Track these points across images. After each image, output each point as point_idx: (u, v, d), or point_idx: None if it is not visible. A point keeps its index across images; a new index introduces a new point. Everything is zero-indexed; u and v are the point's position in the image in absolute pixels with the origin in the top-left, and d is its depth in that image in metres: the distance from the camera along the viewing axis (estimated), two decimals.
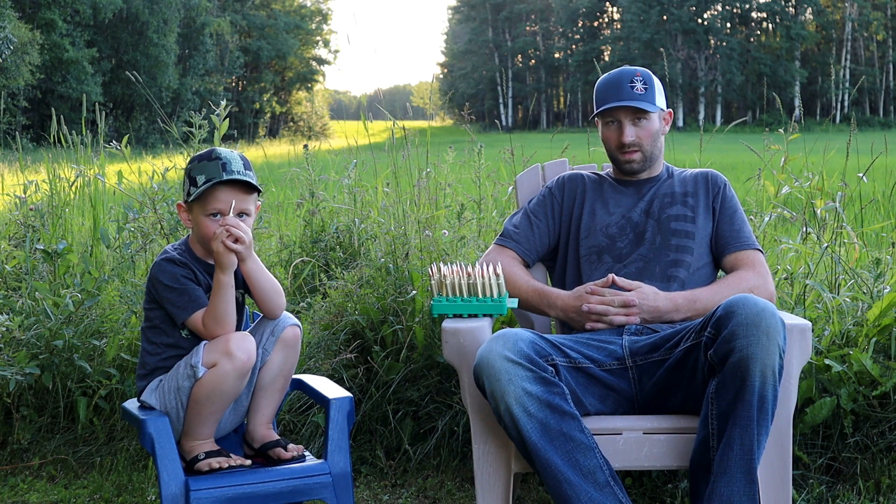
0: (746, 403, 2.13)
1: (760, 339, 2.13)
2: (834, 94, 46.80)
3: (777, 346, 2.14)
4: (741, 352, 2.13)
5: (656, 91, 2.71)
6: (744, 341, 2.13)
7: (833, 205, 3.43)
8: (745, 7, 54.32)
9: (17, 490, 3.12)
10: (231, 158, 2.35)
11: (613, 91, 2.69)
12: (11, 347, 3.29)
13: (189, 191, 2.36)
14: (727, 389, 2.16)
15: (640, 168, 2.74)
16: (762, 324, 2.13)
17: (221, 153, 2.35)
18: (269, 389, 2.46)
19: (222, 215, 2.32)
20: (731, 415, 2.15)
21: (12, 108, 27.44)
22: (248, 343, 2.31)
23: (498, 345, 2.23)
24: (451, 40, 68.27)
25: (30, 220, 3.96)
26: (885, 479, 2.80)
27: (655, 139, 2.72)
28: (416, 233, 3.64)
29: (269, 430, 2.47)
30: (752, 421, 2.14)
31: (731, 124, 4.38)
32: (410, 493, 3.03)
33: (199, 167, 2.35)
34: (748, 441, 2.14)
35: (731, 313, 2.17)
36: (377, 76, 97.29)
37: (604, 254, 2.67)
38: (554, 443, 2.17)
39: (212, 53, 44.20)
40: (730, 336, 2.15)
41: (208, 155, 2.36)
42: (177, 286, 2.34)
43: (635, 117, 2.68)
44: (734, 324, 2.15)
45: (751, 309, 2.15)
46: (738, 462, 2.14)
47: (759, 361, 2.12)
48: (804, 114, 40.35)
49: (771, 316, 2.15)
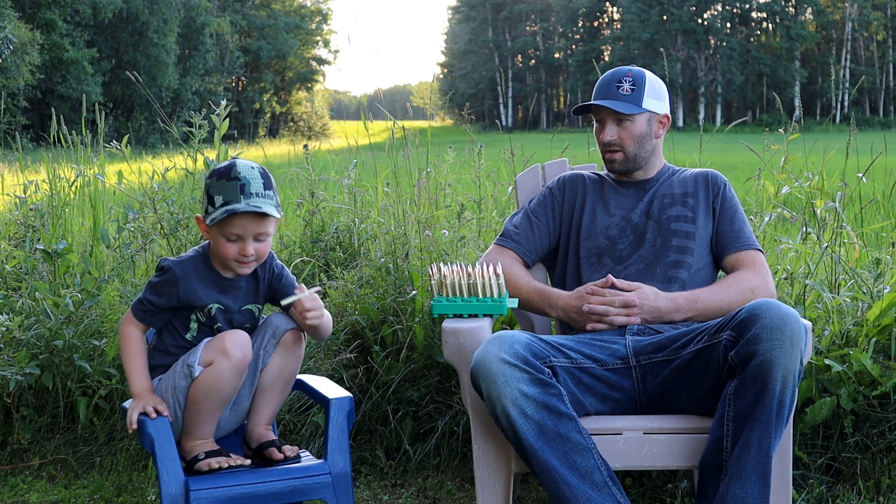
0: (766, 407, 2.14)
1: (784, 343, 2.13)
2: (834, 94, 46.80)
3: (799, 352, 2.16)
4: (764, 355, 2.14)
5: (645, 93, 2.67)
6: (767, 345, 2.14)
7: (833, 205, 3.43)
8: (745, 7, 54.32)
9: (17, 490, 3.12)
10: (250, 179, 2.29)
11: (601, 90, 2.70)
12: (11, 347, 3.29)
13: (207, 209, 2.33)
14: (747, 392, 2.16)
15: (623, 169, 2.73)
16: (787, 329, 2.14)
17: (241, 172, 2.29)
18: (268, 391, 2.46)
19: (241, 240, 2.32)
20: (750, 417, 2.15)
21: (12, 108, 27.44)
22: (243, 340, 2.32)
23: (494, 347, 2.23)
24: (451, 40, 68.28)
25: (30, 220, 3.96)
26: (885, 479, 2.80)
27: (640, 142, 2.69)
28: (416, 233, 3.64)
29: (266, 431, 2.47)
30: (770, 424, 2.14)
31: (731, 124, 4.38)
32: (410, 493, 3.03)
33: (217, 186, 2.30)
34: (766, 444, 2.15)
35: (755, 316, 2.18)
36: (377, 76, 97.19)
37: (604, 255, 2.66)
38: (551, 444, 2.17)
39: (212, 53, 44.21)
40: (753, 339, 2.16)
41: (227, 173, 2.30)
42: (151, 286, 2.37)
43: (618, 118, 2.67)
44: (758, 327, 2.16)
45: (776, 313, 2.16)
46: (754, 465, 2.14)
47: (782, 366, 2.13)
48: (804, 114, 40.34)
49: (795, 321, 2.16)
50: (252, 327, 2.47)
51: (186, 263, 2.38)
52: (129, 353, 2.38)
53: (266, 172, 2.35)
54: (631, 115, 2.66)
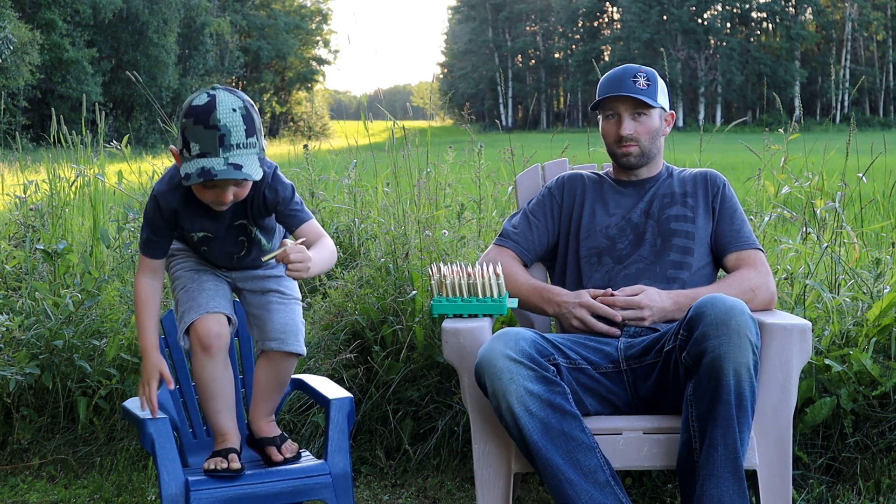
0: (725, 403, 2.14)
1: (731, 337, 2.13)
2: (834, 94, 46.77)
3: (749, 343, 2.14)
4: (713, 352, 2.14)
5: (659, 90, 2.70)
6: (715, 341, 2.14)
7: (833, 205, 3.42)
8: (745, 7, 54.31)
9: (17, 490, 3.12)
10: (231, 127, 2.11)
11: (615, 85, 2.69)
12: (11, 347, 3.29)
13: (182, 151, 2.17)
14: (704, 391, 2.17)
15: (637, 163, 2.73)
16: (731, 322, 2.14)
17: (221, 119, 2.10)
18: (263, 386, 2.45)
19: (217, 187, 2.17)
20: (711, 416, 2.15)
21: (12, 108, 27.43)
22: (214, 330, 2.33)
23: (500, 344, 2.23)
24: (451, 40, 68.27)
25: (30, 220, 3.96)
26: (885, 479, 2.80)
27: (654, 137, 2.70)
28: (416, 233, 3.64)
29: (267, 425, 2.45)
30: (732, 420, 2.14)
31: (731, 124, 4.38)
32: (410, 493, 3.03)
33: (194, 131, 2.11)
34: (731, 440, 2.15)
35: (700, 314, 2.19)
36: (377, 76, 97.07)
37: (604, 255, 2.66)
38: (555, 442, 2.18)
39: (212, 53, 44.19)
40: (701, 337, 2.16)
41: (206, 118, 2.10)
42: (147, 220, 2.34)
43: (635, 111, 2.67)
44: (704, 324, 2.16)
45: (719, 308, 2.16)
46: (723, 462, 2.14)
47: (732, 360, 2.13)
48: (804, 114, 40.31)
49: (740, 314, 2.15)
50: (248, 241, 2.38)
51: (169, 195, 2.27)
52: (141, 308, 2.37)
53: (250, 112, 2.16)
54: (651, 107, 2.66)
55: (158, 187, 2.31)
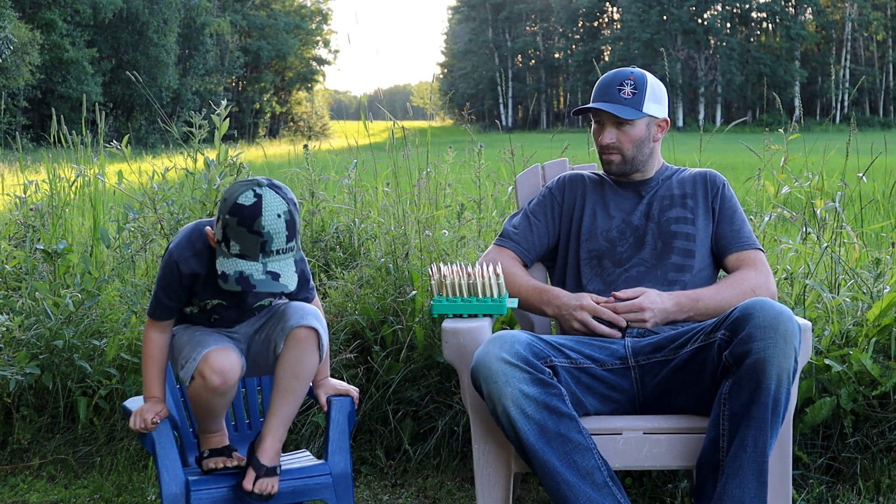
0: (762, 406, 2.14)
1: (778, 342, 2.14)
2: (834, 94, 46.81)
3: (793, 350, 2.16)
4: (758, 354, 2.14)
5: (646, 97, 2.65)
6: (761, 343, 2.14)
7: (833, 205, 3.43)
8: (745, 7, 54.31)
9: (17, 490, 3.12)
10: (274, 234, 2.09)
11: (599, 93, 2.67)
12: (11, 347, 3.29)
13: (219, 242, 2.15)
14: (741, 391, 2.16)
15: (619, 171, 2.71)
16: (780, 327, 2.15)
17: (265, 226, 2.07)
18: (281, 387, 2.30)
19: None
20: (745, 416, 2.16)
21: (12, 108, 27.45)
22: (225, 364, 2.22)
23: (495, 347, 2.23)
24: (451, 40, 68.27)
25: (30, 220, 3.96)
26: (885, 479, 2.80)
27: (639, 145, 2.67)
28: (416, 233, 3.64)
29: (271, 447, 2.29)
30: (766, 423, 2.15)
31: (731, 124, 4.38)
32: (410, 493, 3.03)
33: (237, 232, 2.09)
34: (762, 443, 2.15)
35: (748, 315, 2.18)
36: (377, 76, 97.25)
37: (604, 258, 2.65)
38: (552, 444, 2.18)
39: (212, 53, 44.22)
40: (747, 338, 2.16)
41: (250, 222, 2.07)
42: (161, 284, 2.27)
43: (617, 121, 2.65)
44: (752, 326, 2.16)
45: (769, 312, 2.17)
46: (751, 464, 2.15)
47: (776, 364, 2.13)
48: (804, 114, 40.35)
49: (788, 320, 2.16)
50: (261, 307, 2.37)
51: (192, 261, 2.22)
52: (147, 360, 2.33)
53: (293, 216, 2.13)
54: (631, 119, 2.64)
55: (180, 253, 2.22)
